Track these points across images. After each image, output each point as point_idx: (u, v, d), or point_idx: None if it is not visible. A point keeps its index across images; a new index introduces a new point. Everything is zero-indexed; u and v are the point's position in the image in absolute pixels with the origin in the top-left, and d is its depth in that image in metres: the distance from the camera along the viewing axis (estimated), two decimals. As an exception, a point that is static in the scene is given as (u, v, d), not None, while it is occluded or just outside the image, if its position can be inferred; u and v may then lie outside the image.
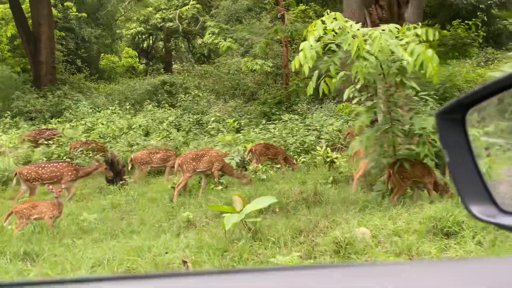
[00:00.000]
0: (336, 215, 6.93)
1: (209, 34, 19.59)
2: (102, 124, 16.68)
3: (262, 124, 15.19)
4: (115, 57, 34.01)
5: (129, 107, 19.57)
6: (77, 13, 29.82)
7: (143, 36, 36.97)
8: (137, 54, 36.41)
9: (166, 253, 6.19)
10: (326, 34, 6.95)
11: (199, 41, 25.65)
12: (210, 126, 15.72)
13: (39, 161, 12.52)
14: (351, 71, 7.05)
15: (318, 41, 6.82)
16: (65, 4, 29.59)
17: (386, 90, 7.93)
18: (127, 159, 12.13)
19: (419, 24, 7.59)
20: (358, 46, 6.57)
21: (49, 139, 14.61)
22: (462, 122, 1.67)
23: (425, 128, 7.84)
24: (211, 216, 7.95)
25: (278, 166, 11.34)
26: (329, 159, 10.49)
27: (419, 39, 7.24)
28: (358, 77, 6.95)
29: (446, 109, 1.71)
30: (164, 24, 29.74)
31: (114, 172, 11.33)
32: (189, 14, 24.64)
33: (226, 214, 6.32)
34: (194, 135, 15.53)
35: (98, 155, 12.63)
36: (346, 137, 12.14)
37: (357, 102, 8.37)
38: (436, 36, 7.41)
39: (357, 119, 8.68)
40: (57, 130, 16.23)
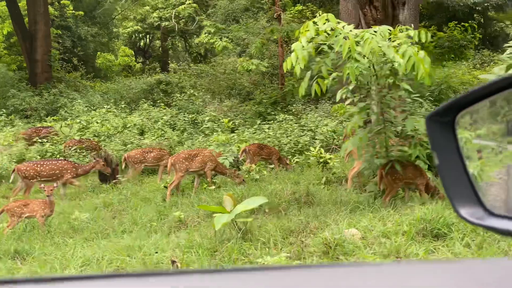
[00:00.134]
0: (327, 216, 6.94)
1: (205, 33, 19.58)
2: (97, 122, 16.65)
3: (257, 124, 15.18)
4: (112, 55, 33.97)
5: (124, 106, 19.54)
6: (73, 11, 29.78)
7: (140, 35, 36.95)
8: (133, 53, 36.37)
9: (156, 252, 6.19)
10: (318, 35, 6.96)
11: (196, 40, 25.60)
12: (205, 125, 15.71)
13: (33, 159, 12.49)
14: (343, 72, 7.05)
15: (310, 42, 6.82)
16: (61, 2, 29.54)
17: (379, 91, 7.94)
18: (121, 158, 12.12)
19: (412, 26, 7.60)
20: (349, 48, 6.58)
21: (43, 137, 14.57)
22: (452, 125, 1.68)
23: (417, 129, 7.85)
24: (203, 215, 7.95)
25: (272, 166, 11.34)
26: (322, 160, 10.50)
27: (411, 41, 7.26)
28: (349, 78, 6.95)
29: (437, 112, 1.73)
30: (160, 23, 29.71)
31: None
32: (185, 14, 24.61)
33: (217, 214, 6.32)
34: (189, 135, 15.53)
35: (91, 154, 12.63)
36: (344, 139, 12.14)
37: (350, 103, 8.39)
38: (428, 38, 7.42)
39: (350, 120, 8.70)
40: (53, 128, 16.20)
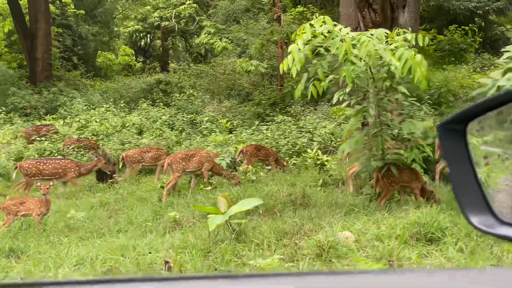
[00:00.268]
0: (321, 218, 6.95)
1: (204, 34, 19.59)
2: (96, 121, 16.66)
3: (255, 125, 15.18)
4: (112, 54, 34.00)
5: (123, 105, 19.55)
6: (75, 10, 29.82)
7: (141, 34, 36.98)
8: (133, 52, 36.41)
9: (149, 253, 6.19)
10: (315, 37, 6.97)
11: (196, 40, 25.63)
12: (203, 126, 15.71)
13: (31, 157, 12.51)
14: (339, 75, 7.06)
15: (307, 44, 6.83)
16: (63, 0, 29.57)
17: (376, 94, 7.94)
18: (119, 157, 12.12)
19: (409, 29, 7.60)
20: (346, 50, 6.58)
21: (43, 136, 14.57)
22: (463, 133, 1.70)
23: (413, 133, 7.85)
24: (198, 216, 7.94)
25: (269, 167, 11.35)
26: (319, 162, 10.50)
27: (409, 44, 7.26)
28: (345, 80, 6.96)
29: (449, 120, 1.74)
30: (160, 23, 29.74)
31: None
32: (186, 14, 24.63)
33: (211, 215, 6.32)
34: (187, 135, 15.52)
35: (91, 152, 12.66)
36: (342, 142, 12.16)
37: (347, 105, 8.39)
38: (426, 41, 7.42)
39: (347, 122, 8.71)
40: (53, 126, 16.21)
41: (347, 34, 6.81)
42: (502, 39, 27.80)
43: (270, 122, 15.44)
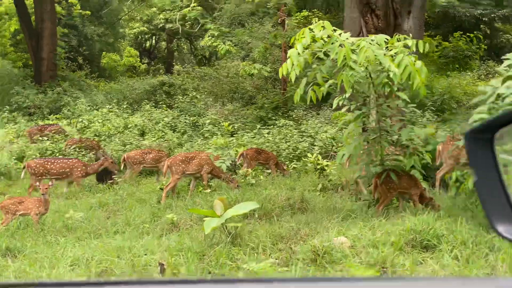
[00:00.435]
0: (318, 223, 6.93)
1: (208, 36, 19.62)
2: (99, 122, 16.71)
3: (257, 128, 15.18)
4: (117, 55, 34.08)
5: (126, 106, 19.60)
6: (80, 10, 29.89)
7: (146, 36, 37.06)
8: (138, 54, 36.49)
9: (145, 254, 6.21)
10: (315, 42, 6.97)
11: (201, 43, 25.71)
12: (205, 128, 15.73)
13: (33, 156, 12.56)
14: (337, 80, 7.05)
15: (307, 49, 6.83)
16: (69, 1, 29.66)
17: (376, 100, 7.93)
18: (120, 158, 12.14)
19: (410, 35, 7.58)
20: (344, 55, 6.58)
21: (45, 135, 14.60)
22: (491, 142, 1.70)
23: (412, 139, 7.84)
24: (196, 219, 7.94)
25: (269, 171, 11.34)
26: (319, 167, 10.49)
27: (410, 51, 7.25)
28: (344, 86, 6.95)
29: (477, 128, 1.75)
30: (165, 25, 29.80)
31: (105, 171, 11.39)
32: (191, 16, 24.67)
33: (207, 218, 6.33)
34: (189, 137, 15.54)
35: (91, 153, 12.70)
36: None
37: (347, 110, 8.38)
38: (427, 48, 7.41)
39: (347, 128, 8.70)
40: (58, 125, 16.25)
41: (347, 39, 6.81)
42: (508, 47, 27.67)
43: (272, 126, 15.43)
